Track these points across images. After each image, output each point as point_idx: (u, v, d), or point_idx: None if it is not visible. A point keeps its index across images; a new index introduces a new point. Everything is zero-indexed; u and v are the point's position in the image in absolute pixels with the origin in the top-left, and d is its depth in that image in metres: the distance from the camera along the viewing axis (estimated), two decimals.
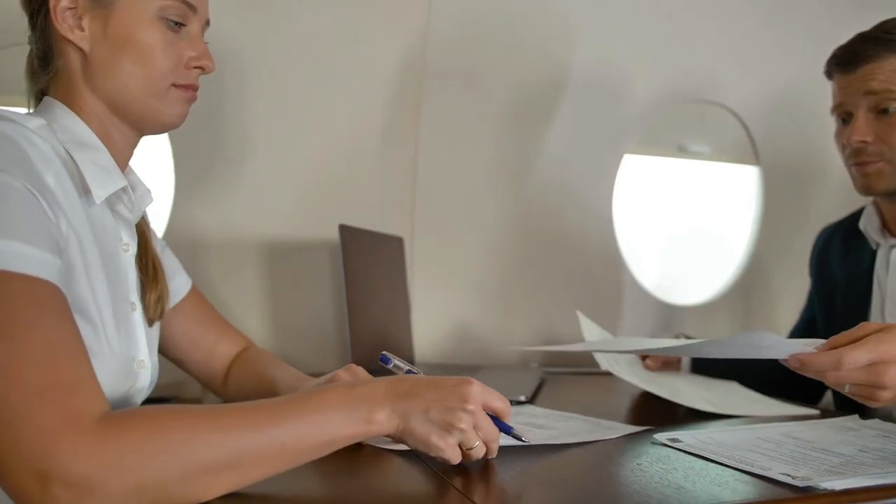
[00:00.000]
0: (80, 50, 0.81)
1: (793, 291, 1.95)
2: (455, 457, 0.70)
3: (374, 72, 1.55)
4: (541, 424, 0.96)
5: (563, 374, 1.55)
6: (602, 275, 1.82)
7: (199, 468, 0.59)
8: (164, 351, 1.01)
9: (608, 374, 1.58)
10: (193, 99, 0.89)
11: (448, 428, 0.69)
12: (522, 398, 1.16)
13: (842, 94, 1.19)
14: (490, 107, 1.67)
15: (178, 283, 1.01)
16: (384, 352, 0.85)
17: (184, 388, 1.32)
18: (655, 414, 1.21)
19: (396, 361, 0.85)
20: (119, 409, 0.62)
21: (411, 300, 1.63)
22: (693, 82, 1.83)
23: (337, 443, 0.66)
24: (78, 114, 0.82)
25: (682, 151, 1.90)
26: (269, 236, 1.50)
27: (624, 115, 1.78)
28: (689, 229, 2.04)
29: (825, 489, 0.65)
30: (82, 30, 0.81)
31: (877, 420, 0.99)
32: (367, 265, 1.37)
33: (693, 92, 1.84)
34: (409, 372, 0.84)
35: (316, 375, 1.20)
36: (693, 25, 1.78)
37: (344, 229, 1.25)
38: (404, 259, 1.60)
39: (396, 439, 0.70)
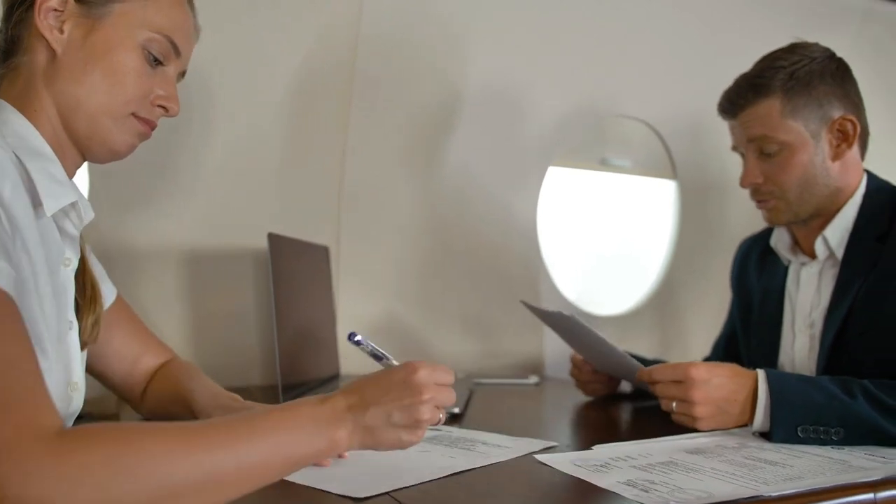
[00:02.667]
0: (51, 51, 0.79)
1: (703, 306, 2.02)
2: (422, 437, 0.73)
3: (301, 78, 1.52)
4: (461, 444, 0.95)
5: (491, 385, 1.55)
6: (525, 284, 1.83)
7: (169, 490, 0.54)
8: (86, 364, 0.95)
9: (536, 384, 1.61)
10: (146, 137, 0.87)
11: (415, 424, 0.70)
12: (456, 410, 1.15)
13: (732, 138, 1.26)
14: (417, 116, 1.66)
15: (104, 293, 0.95)
16: (354, 332, 0.82)
17: (98, 404, 1.24)
18: (589, 426, 1.23)
19: (368, 344, 0.83)
20: (74, 426, 0.57)
21: (336, 309, 1.59)
22: (616, 98, 1.87)
23: (305, 461, 0.66)
24: (32, 117, 0.78)
25: (604, 164, 1.94)
26: (191, 244, 1.44)
27: (548, 128, 1.80)
28: (610, 241, 2.08)
29: (769, 496, 0.67)
30: (62, 33, 0.79)
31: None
32: (295, 274, 1.33)
33: (616, 107, 1.89)
34: (374, 355, 0.83)
35: (239, 388, 1.16)
36: (618, 44, 1.82)
37: (273, 238, 1.21)
38: (330, 268, 1.56)
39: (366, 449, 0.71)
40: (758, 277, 1.37)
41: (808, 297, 1.23)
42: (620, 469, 0.79)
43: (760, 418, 0.96)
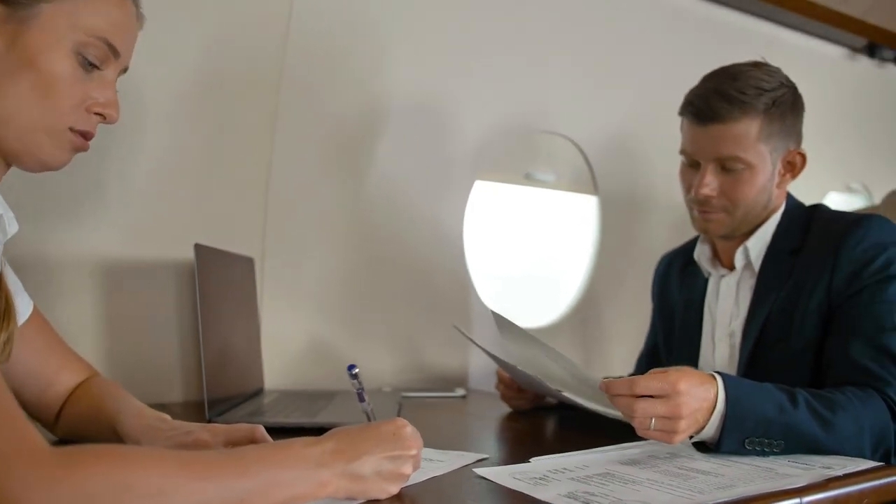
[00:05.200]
0: None
1: (624, 317, 2.08)
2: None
3: (226, 86, 1.48)
4: None
5: (419, 399, 1.54)
6: (453, 297, 1.83)
7: None
8: None
9: (463, 397, 1.61)
10: (82, 149, 0.81)
11: (399, 477, 0.72)
12: None
13: (691, 144, 1.22)
14: (345, 127, 1.64)
15: (19, 306, 0.89)
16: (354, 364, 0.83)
17: None
18: (519, 438, 1.23)
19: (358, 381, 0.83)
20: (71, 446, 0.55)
21: (261, 323, 1.55)
22: (541, 114, 1.91)
23: (290, 501, 0.64)
24: None
25: (529, 179, 1.97)
26: (106, 254, 1.37)
27: (475, 143, 1.82)
28: (535, 254, 2.11)
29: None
30: None
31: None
32: (220, 286, 1.29)
33: (541, 123, 1.92)
34: (360, 394, 0.83)
35: (158, 405, 1.11)
36: (543, 61, 1.86)
37: (199, 249, 1.16)
38: (255, 280, 1.52)
39: (349, 498, 0.69)
40: (679, 290, 1.41)
41: (727, 307, 1.28)
42: (559, 482, 0.80)
43: (713, 429, 0.92)
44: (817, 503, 0.76)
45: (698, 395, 0.90)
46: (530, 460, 0.90)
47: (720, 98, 1.16)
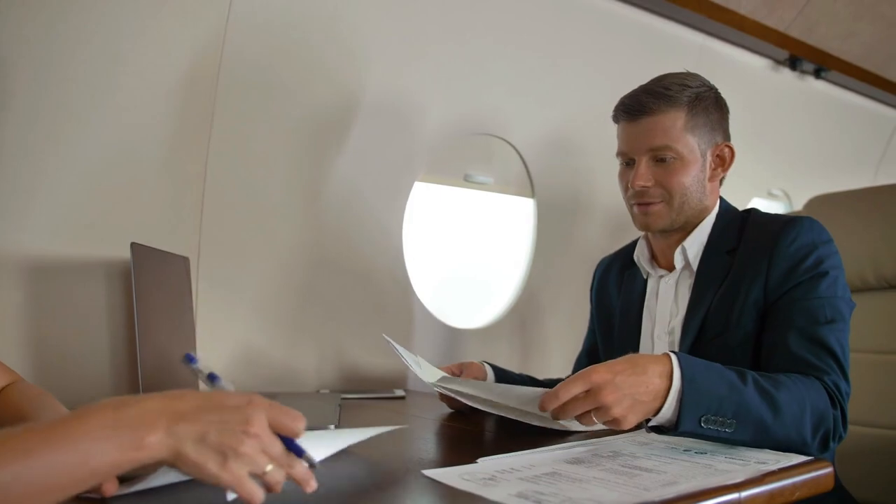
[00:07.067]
0: None
1: (560, 318, 2.11)
2: (242, 485, 0.60)
3: (163, 77, 1.43)
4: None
5: (358, 400, 1.53)
6: (392, 298, 1.83)
7: None
8: None
9: (402, 398, 1.61)
10: None
11: (228, 454, 0.60)
12: (331, 426, 1.12)
13: (626, 142, 1.32)
14: (284, 125, 1.61)
15: None
16: (191, 353, 0.75)
17: None
18: (461, 437, 1.23)
19: (198, 366, 0.75)
20: None
21: (196, 324, 1.51)
22: (480, 117, 1.92)
23: (100, 474, 0.57)
24: None
25: (468, 181, 1.98)
26: (30, 253, 1.31)
27: (415, 144, 1.82)
28: (474, 256, 2.12)
29: (653, 501, 0.71)
30: None
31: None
32: (156, 286, 1.25)
33: (480, 126, 1.93)
34: (211, 377, 0.74)
35: None
36: (484, 66, 1.87)
37: (135, 248, 1.13)
38: (190, 280, 1.48)
39: (170, 465, 0.60)
40: (617, 293, 1.45)
41: (666, 306, 1.33)
42: (508, 482, 0.80)
43: (670, 411, 0.95)
44: (754, 496, 0.80)
45: (625, 378, 0.93)
46: (477, 461, 0.91)
47: (647, 94, 1.28)
